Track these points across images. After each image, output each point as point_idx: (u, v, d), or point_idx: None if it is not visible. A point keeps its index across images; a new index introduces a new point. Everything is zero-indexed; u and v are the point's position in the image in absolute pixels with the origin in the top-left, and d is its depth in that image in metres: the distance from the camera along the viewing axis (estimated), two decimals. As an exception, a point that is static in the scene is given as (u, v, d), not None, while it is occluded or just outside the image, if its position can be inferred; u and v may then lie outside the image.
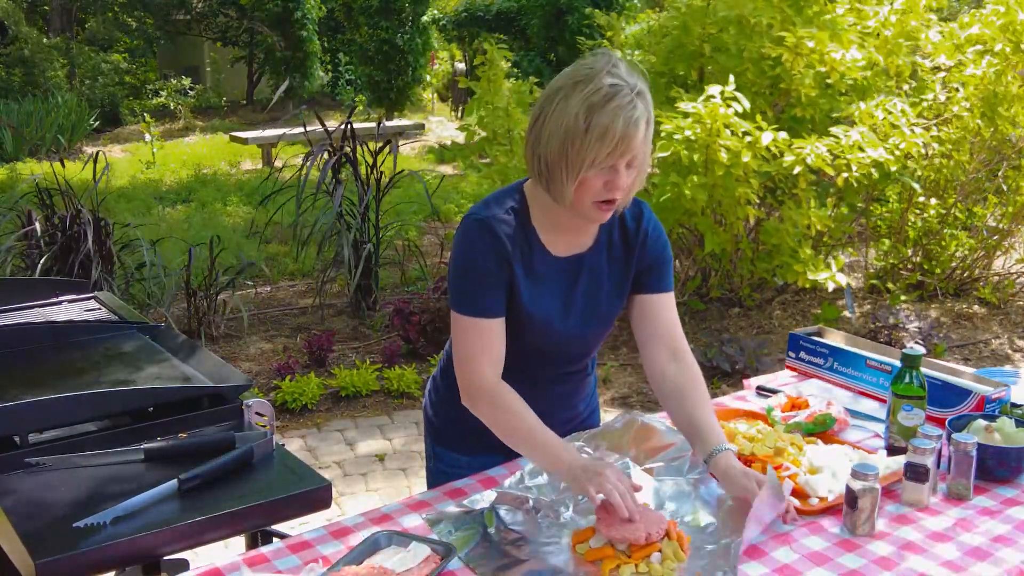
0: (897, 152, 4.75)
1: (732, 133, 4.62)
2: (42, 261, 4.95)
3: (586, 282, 1.86)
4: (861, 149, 4.70)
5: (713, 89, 4.66)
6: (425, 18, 14.55)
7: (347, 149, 5.71)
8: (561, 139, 1.66)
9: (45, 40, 14.33)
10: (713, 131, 4.55)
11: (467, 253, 1.78)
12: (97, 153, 5.59)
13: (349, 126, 5.72)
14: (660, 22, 5.87)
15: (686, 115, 4.63)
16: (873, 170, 4.70)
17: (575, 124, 1.64)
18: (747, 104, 4.67)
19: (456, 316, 1.80)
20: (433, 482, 2.04)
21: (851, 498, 1.68)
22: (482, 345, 1.78)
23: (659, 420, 1.93)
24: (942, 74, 5.56)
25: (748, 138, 4.60)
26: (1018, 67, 5.46)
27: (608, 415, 2.97)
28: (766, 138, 4.56)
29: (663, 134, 4.67)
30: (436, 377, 2.09)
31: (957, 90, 5.43)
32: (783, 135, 4.65)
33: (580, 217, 1.77)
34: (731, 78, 4.73)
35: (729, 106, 4.61)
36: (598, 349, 2.02)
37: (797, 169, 4.59)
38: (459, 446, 2.02)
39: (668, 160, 4.75)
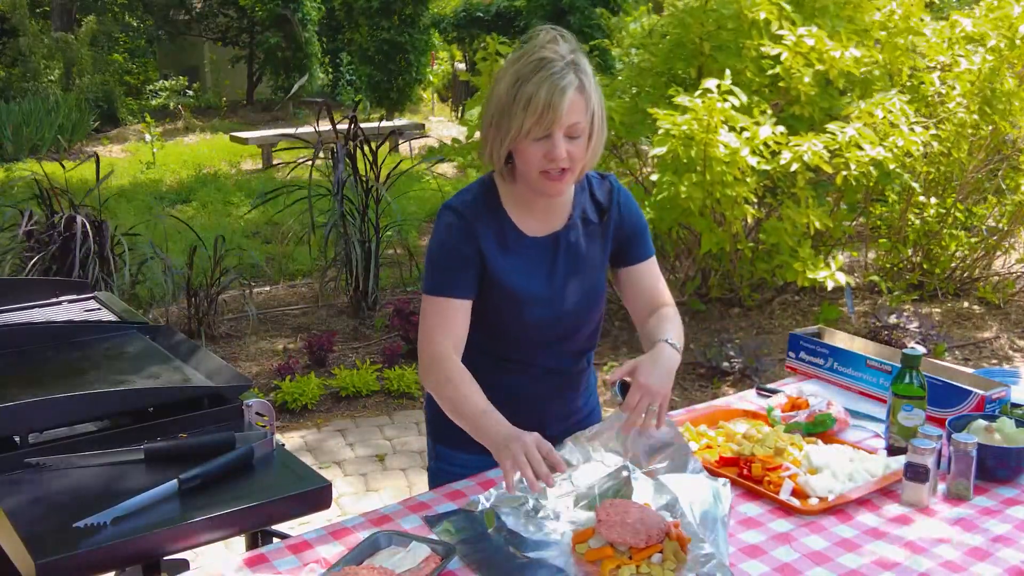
0: (896, 150, 4.75)
1: (730, 128, 4.61)
2: (40, 261, 4.95)
3: (565, 259, 1.90)
4: (859, 147, 4.69)
5: (710, 83, 4.65)
6: (424, 19, 14.54)
7: (349, 148, 5.70)
8: (492, 111, 1.75)
9: (46, 39, 14.33)
10: (711, 127, 4.54)
11: (437, 238, 1.84)
12: (96, 155, 5.58)
13: (354, 124, 5.70)
14: (659, 22, 5.87)
15: (684, 110, 4.62)
16: (872, 168, 4.70)
17: (506, 96, 1.72)
18: (743, 98, 4.66)
19: (424, 298, 1.85)
20: (435, 482, 2.04)
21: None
22: (442, 321, 1.81)
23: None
24: (938, 73, 5.56)
25: (746, 133, 4.59)
26: (1017, 66, 5.46)
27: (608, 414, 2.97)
28: (764, 132, 4.55)
29: (660, 131, 4.66)
30: None
31: (953, 87, 5.43)
32: (781, 129, 4.64)
33: (535, 191, 1.82)
34: (727, 72, 4.73)
35: (725, 100, 4.60)
36: (596, 336, 2.03)
37: (795, 167, 4.59)
38: (462, 445, 2.01)
39: (666, 158, 4.74)
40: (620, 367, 1.77)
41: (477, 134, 5.70)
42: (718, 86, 4.62)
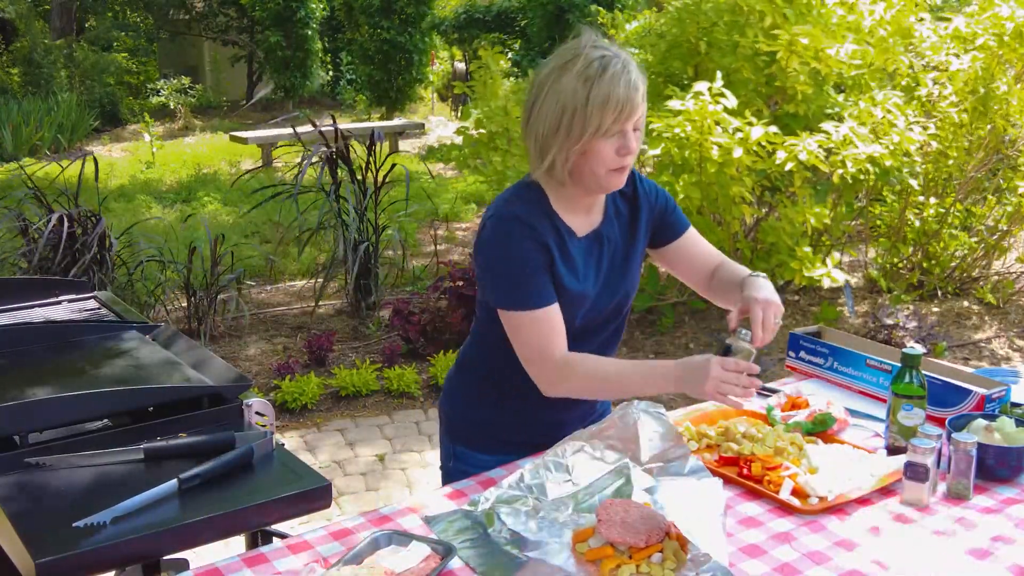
0: (892, 146, 4.74)
1: (723, 130, 4.61)
2: (41, 261, 4.95)
3: (608, 253, 1.93)
4: (854, 145, 4.69)
5: (700, 85, 4.65)
6: (426, 21, 14.54)
7: (341, 148, 5.72)
8: (558, 115, 1.73)
9: (47, 41, 14.33)
10: (705, 129, 4.55)
11: (509, 250, 1.80)
12: (95, 156, 5.58)
13: (340, 124, 5.77)
14: (657, 22, 5.88)
15: (676, 113, 4.62)
16: (869, 166, 4.70)
17: (573, 99, 1.70)
18: (734, 101, 4.66)
19: (512, 315, 1.81)
20: (451, 481, 2.03)
21: None
22: (548, 331, 1.81)
23: (656, 413, 1.91)
24: (934, 73, 5.56)
25: (739, 135, 4.59)
26: (1017, 64, 5.45)
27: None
28: (756, 133, 4.55)
29: (654, 133, 4.66)
30: (452, 376, 2.08)
31: (946, 87, 5.43)
32: (773, 129, 4.64)
33: (598, 188, 1.83)
34: (719, 74, 4.73)
35: (718, 102, 4.61)
36: (623, 330, 2.05)
37: (790, 165, 4.59)
38: (480, 444, 2.01)
39: (661, 159, 4.74)
40: (733, 312, 1.83)
41: (472, 142, 5.73)
42: (709, 88, 4.63)
